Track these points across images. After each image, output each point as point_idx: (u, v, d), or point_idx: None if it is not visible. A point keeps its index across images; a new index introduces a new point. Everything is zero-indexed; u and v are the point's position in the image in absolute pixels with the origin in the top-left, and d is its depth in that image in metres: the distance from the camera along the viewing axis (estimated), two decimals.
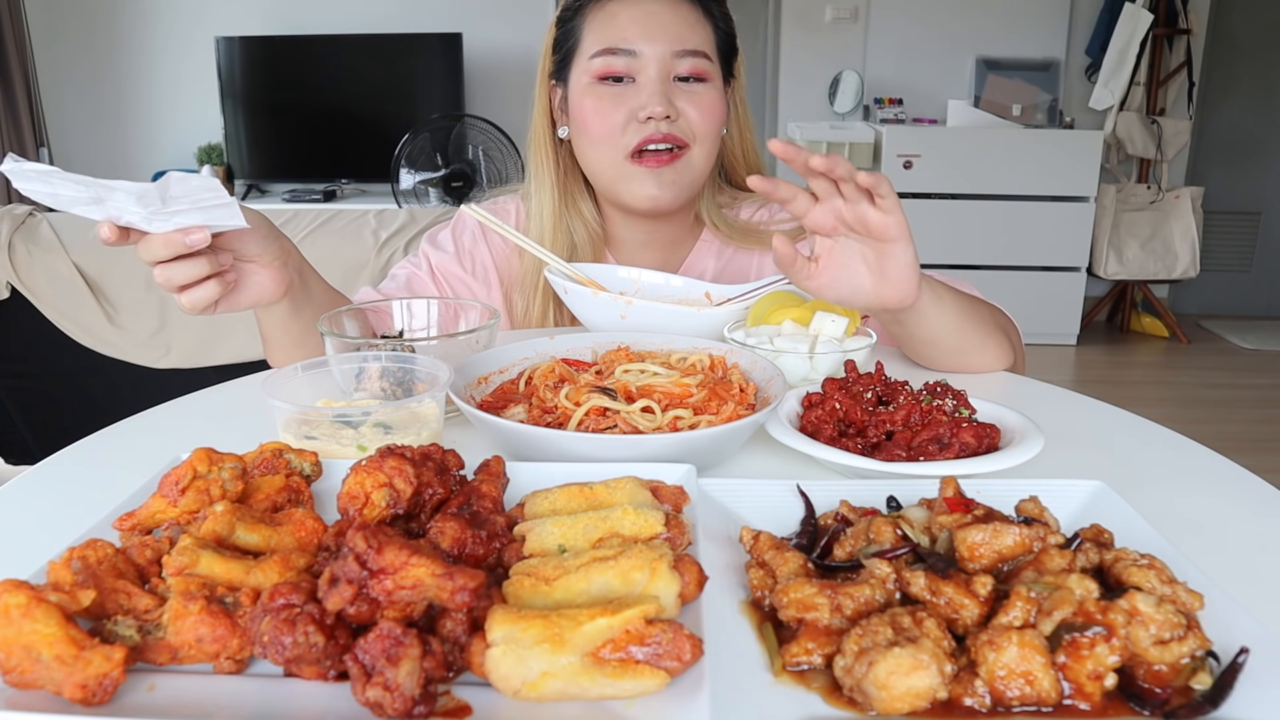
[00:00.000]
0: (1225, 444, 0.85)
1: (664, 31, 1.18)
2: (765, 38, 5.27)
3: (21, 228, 2.19)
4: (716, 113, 1.22)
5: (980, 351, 1.04)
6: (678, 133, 1.18)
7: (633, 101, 1.17)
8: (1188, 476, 0.79)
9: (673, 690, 0.44)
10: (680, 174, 1.21)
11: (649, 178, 1.19)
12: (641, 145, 1.18)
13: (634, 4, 1.19)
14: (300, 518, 0.56)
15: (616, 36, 1.18)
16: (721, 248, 1.32)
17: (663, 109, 1.16)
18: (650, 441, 0.71)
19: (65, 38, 4.83)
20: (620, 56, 1.18)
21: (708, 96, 1.20)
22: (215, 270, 0.89)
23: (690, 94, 1.19)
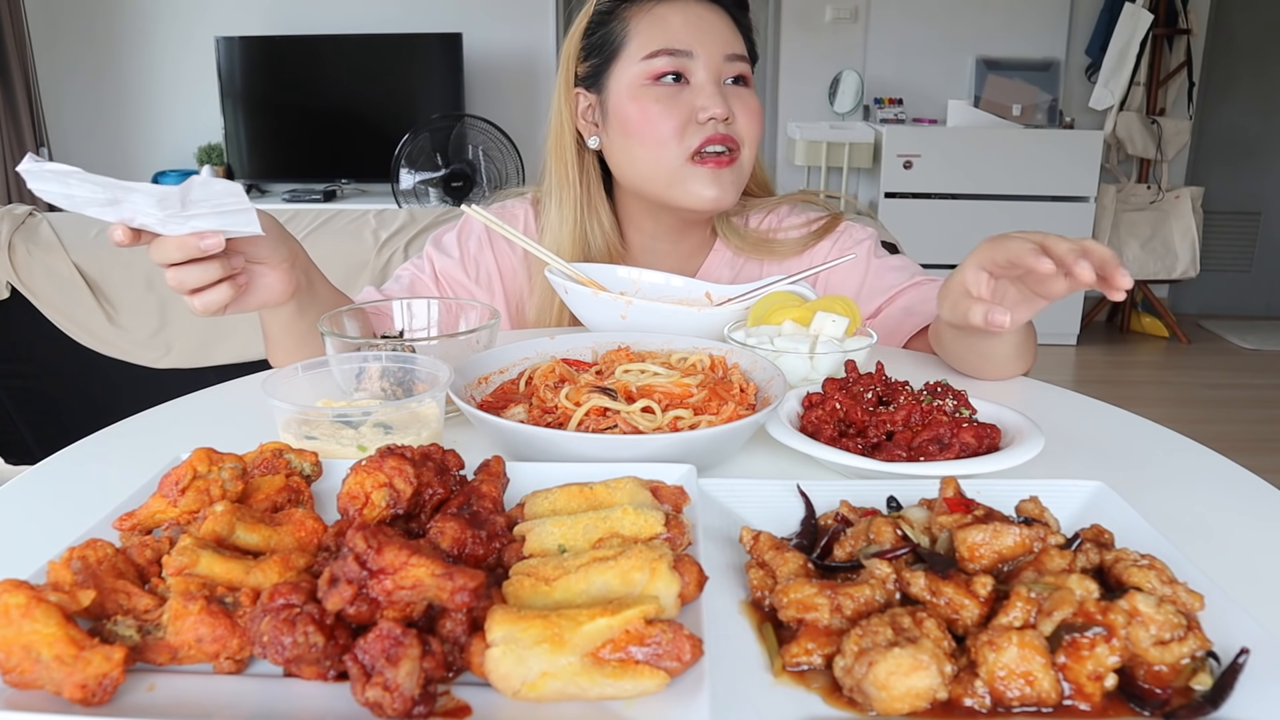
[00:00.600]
0: (1225, 444, 0.85)
1: (715, 35, 1.19)
2: (765, 38, 5.27)
3: (21, 228, 2.19)
4: (760, 117, 1.23)
5: (1021, 363, 1.04)
6: (733, 134, 1.19)
7: (692, 102, 1.17)
8: (1188, 476, 0.79)
9: (673, 690, 0.44)
10: (737, 175, 1.21)
11: (710, 179, 1.18)
12: (703, 146, 1.17)
13: (683, 8, 1.20)
14: (300, 518, 0.56)
15: (671, 38, 1.18)
16: (734, 257, 1.32)
17: (723, 110, 1.16)
18: (650, 441, 0.71)
19: (65, 38, 4.83)
20: (676, 58, 1.18)
21: (754, 101, 1.22)
22: (228, 274, 0.90)
23: (739, 97, 1.20)
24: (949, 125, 4.56)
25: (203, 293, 0.89)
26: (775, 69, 5.06)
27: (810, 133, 4.67)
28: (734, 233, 1.31)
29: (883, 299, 1.26)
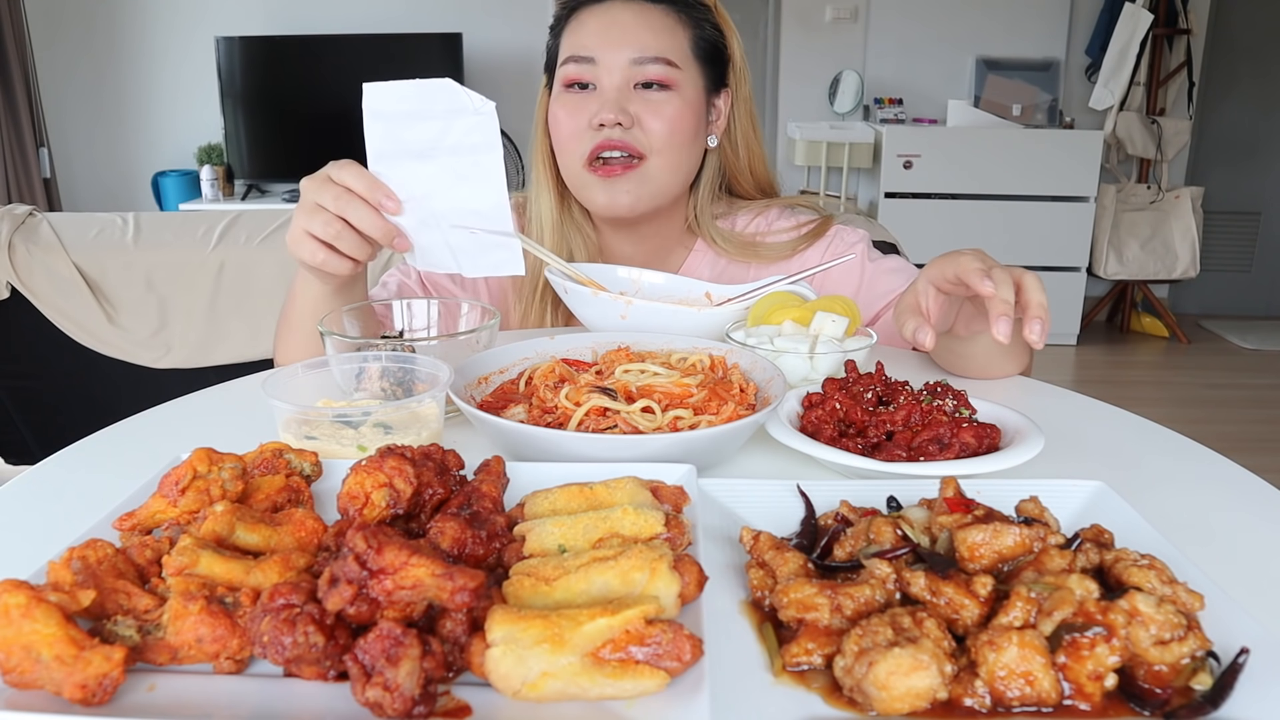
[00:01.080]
0: (1225, 444, 0.85)
1: (625, 38, 1.17)
2: (765, 38, 5.27)
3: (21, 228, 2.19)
4: (678, 123, 1.19)
5: (1013, 362, 1.05)
6: (632, 141, 1.17)
7: (590, 108, 1.17)
8: (1188, 476, 0.79)
9: (673, 690, 0.44)
10: (637, 184, 1.19)
11: (599, 185, 1.19)
12: (594, 153, 1.17)
13: (600, 11, 1.20)
14: (300, 518, 0.56)
15: (579, 44, 1.19)
16: (715, 259, 1.32)
17: (613, 116, 1.15)
18: (650, 441, 0.71)
19: (65, 38, 4.83)
20: (581, 64, 1.18)
21: (669, 106, 1.18)
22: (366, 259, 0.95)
23: (649, 102, 1.18)
24: (949, 125, 4.56)
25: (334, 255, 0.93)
26: (775, 69, 5.06)
27: (810, 133, 4.67)
28: (717, 234, 1.30)
29: (881, 304, 1.25)
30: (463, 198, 0.90)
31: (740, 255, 1.30)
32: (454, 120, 0.85)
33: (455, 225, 0.91)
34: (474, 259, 0.95)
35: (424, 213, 0.91)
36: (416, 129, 0.86)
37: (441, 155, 0.87)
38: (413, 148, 0.87)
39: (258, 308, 2.22)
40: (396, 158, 0.89)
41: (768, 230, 1.32)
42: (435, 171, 0.88)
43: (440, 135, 0.86)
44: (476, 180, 0.88)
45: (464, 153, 0.87)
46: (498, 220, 0.90)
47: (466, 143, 0.86)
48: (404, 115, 0.86)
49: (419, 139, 0.87)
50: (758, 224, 1.33)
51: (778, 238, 1.30)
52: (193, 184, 4.87)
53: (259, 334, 2.24)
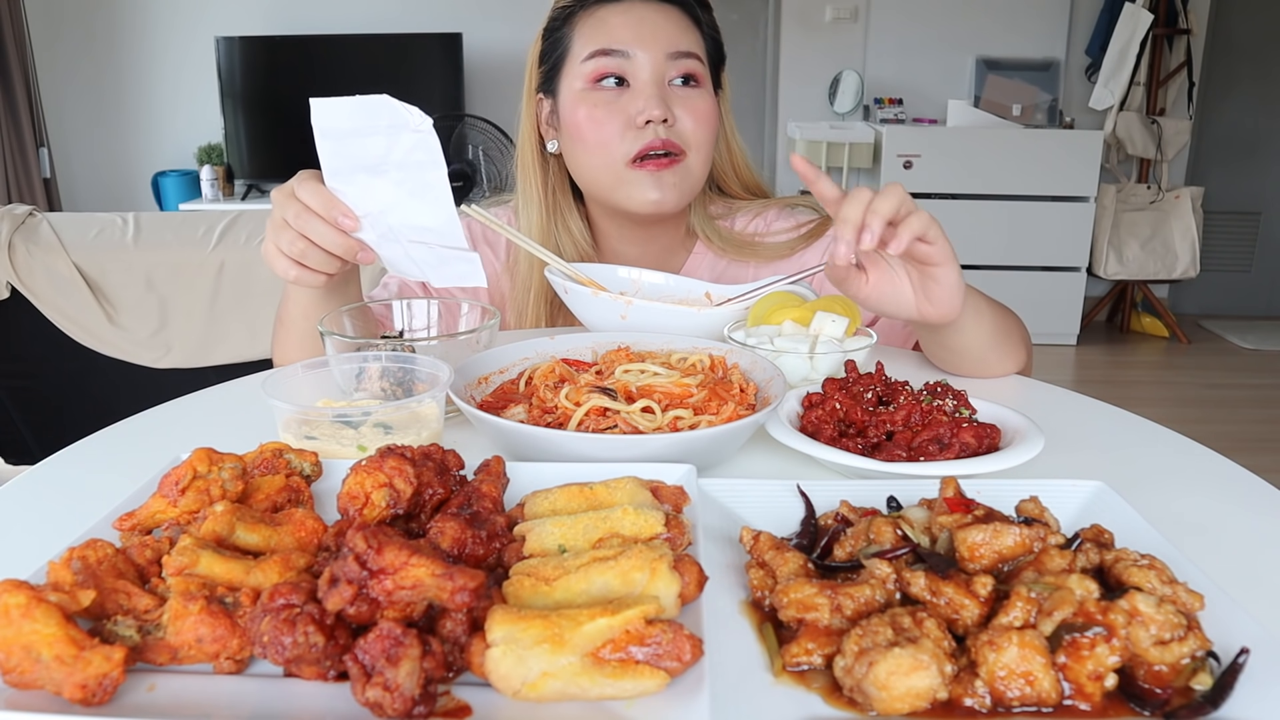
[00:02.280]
0: (1225, 444, 0.85)
1: (656, 34, 1.17)
2: (765, 38, 5.27)
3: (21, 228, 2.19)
4: (711, 119, 1.21)
5: (1004, 358, 1.04)
6: (675, 139, 1.18)
7: (630, 106, 1.17)
8: (1188, 476, 0.79)
9: (673, 690, 0.44)
10: (680, 178, 1.20)
11: (650, 181, 1.18)
12: (642, 153, 1.17)
13: (625, 9, 1.19)
14: (300, 518, 0.56)
15: (609, 38, 1.17)
16: (715, 260, 1.32)
17: (660, 112, 1.15)
18: (650, 441, 0.71)
19: (65, 38, 4.83)
20: (614, 58, 1.17)
21: (702, 102, 1.20)
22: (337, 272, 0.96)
23: (685, 99, 1.19)
24: (949, 125, 4.56)
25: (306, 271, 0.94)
26: (775, 69, 5.06)
27: (810, 133, 4.67)
28: (716, 234, 1.30)
29: None
30: (415, 213, 0.90)
31: (739, 255, 1.30)
32: (398, 136, 0.85)
33: (413, 241, 0.92)
34: (437, 270, 0.95)
35: (383, 227, 0.92)
36: (364, 145, 0.86)
37: (391, 171, 0.87)
38: (364, 163, 0.87)
39: (258, 308, 2.22)
40: (350, 173, 0.89)
41: (766, 231, 1.32)
42: (387, 187, 0.88)
43: (387, 151, 0.86)
44: (426, 197, 0.88)
45: (411, 169, 0.87)
46: (450, 236, 0.91)
47: (412, 160, 0.86)
48: (350, 132, 0.86)
49: (368, 154, 0.87)
50: (756, 224, 1.33)
51: (777, 238, 1.30)
52: (193, 184, 4.87)
53: (259, 334, 2.24)
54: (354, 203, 0.91)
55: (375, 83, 4.61)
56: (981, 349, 1.01)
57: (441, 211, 0.88)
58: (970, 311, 0.96)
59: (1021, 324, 1.12)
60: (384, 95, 0.83)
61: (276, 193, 0.94)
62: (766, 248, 1.29)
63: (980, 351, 1.02)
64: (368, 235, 0.93)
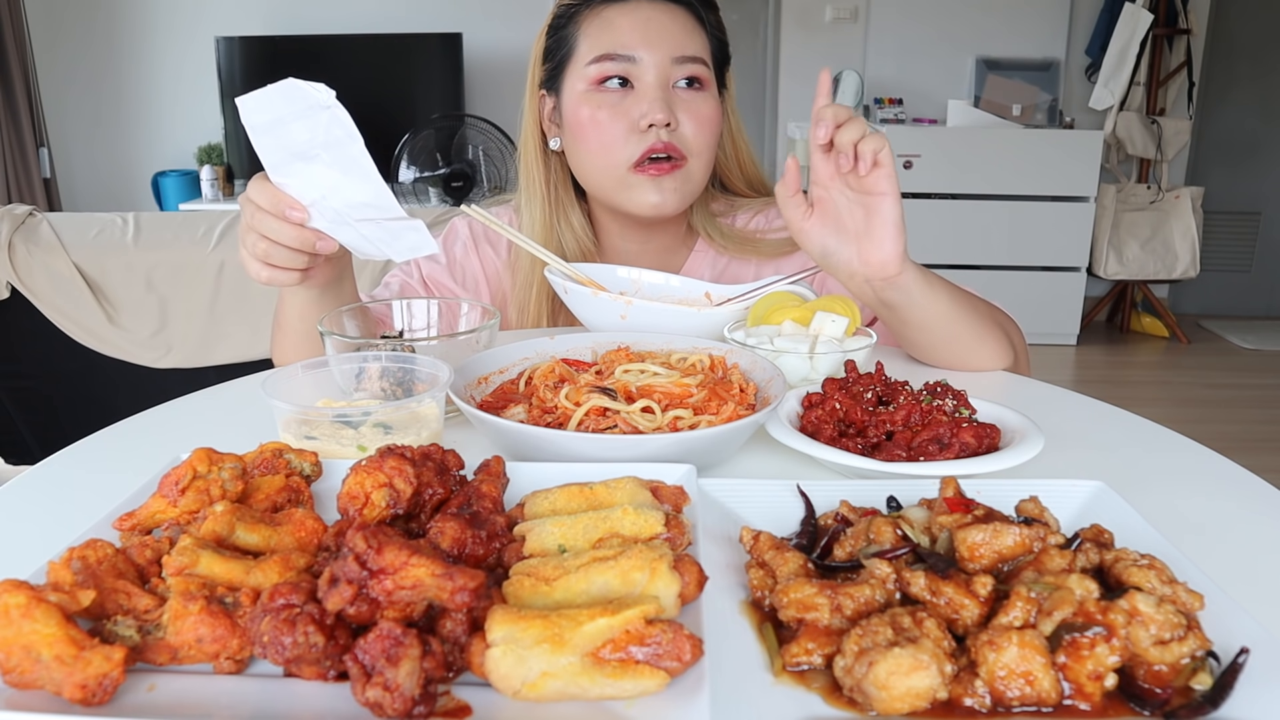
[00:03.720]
0: (1225, 444, 0.85)
1: (663, 37, 1.17)
2: (765, 38, 5.27)
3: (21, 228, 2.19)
4: (714, 123, 1.21)
5: (977, 346, 1.04)
6: (677, 143, 1.18)
7: (633, 110, 1.17)
8: (1188, 476, 0.79)
9: (673, 690, 0.44)
10: (681, 182, 1.20)
11: (651, 185, 1.19)
12: (644, 156, 1.17)
13: (631, 10, 1.18)
14: (300, 518, 0.56)
15: (615, 42, 1.17)
16: (716, 257, 1.32)
17: (664, 116, 1.15)
18: (650, 441, 0.71)
19: (65, 38, 4.83)
20: (619, 62, 1.17)
21: (705, 106, 1.20)
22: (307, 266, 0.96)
23: (688, 103, 1.19)
24: (949, 125, 4.56)
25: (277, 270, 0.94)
26: (775, 69, 5.06)
27: None
28: (717, 232, 1.30)
29: None
30: (351, 192, 0.89)
31: (739, 252, 1.30)
32: (316, 117, 0.84)
33: (360, 219, 0.91)
34: (392, 246, 0.94)
35: (330, 212, 0.91)
36: (290, 133, 0.85)
37: (320, 153, 0.86)
38: (295, 151, 0.87)
39: (258, 308, 2.22)
40: (288, 164, 0.88)
41: (768, 227, 1.33)
42: (322, 170, 0.88)
43: (311, 134, 0.86)
44: (354, 174, 0.87)
45: (334, 147, 0.86)
46: (387, 207, 0.89)
47: (331, 138, 0.85)
48: (275, 122, 0.85)
49: (297, 142, 0.86)
50: (758, 221, 1.34)
51: (778, 234, 1.31)
52: (193, 184, 4.87)
53: (259, 334, 2.24)
54: (299, 193, 0.90)
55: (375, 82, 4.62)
56: (945, 326, 1.01)
57: (371, 183, 0.87)
58: (916, 276, 0.97)
59: (1000, 313, 1.12)
60: (290, 78, 0.82)
61: (240, 199, 0.94)
62: (767, 244, 1.29)
63: (944, 330, 1.01)
64: (320, 223, 0.92)
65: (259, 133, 0.86)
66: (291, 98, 0.83)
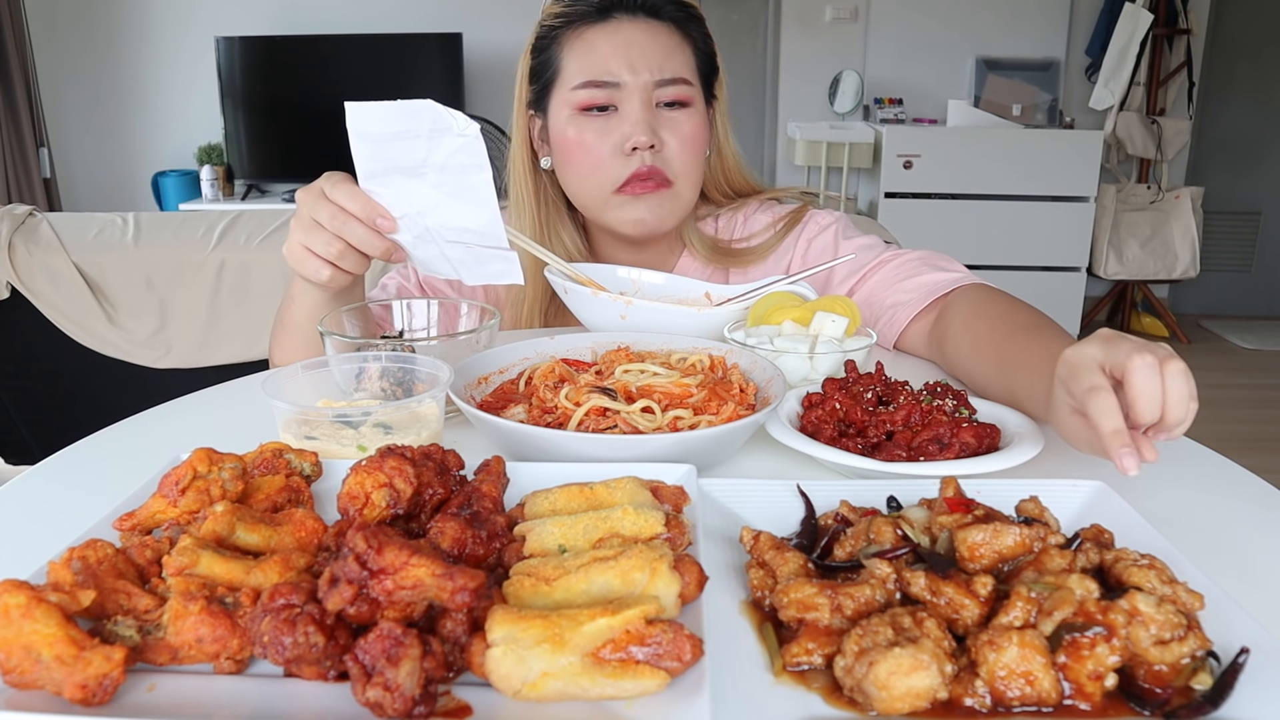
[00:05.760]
0: (1225, 444, 0.85)
1: (645, 60, 1.16)
2: (765, 38, 5.27)
3: (21, 228, 2.18)
4: (698, 142, 1.21)
5: None
6: (661, 166, 1.18)
7: (616, 133, 1.17)
8: (1188, 476, 0.79)
9: (673, 690, 0.44)
10: (667, 201, 1.21)
11: (636, 205, 1.19)
12: (630, 179, 1.17)
13: (613, 31, 1.18)
14: (300, 518, 0.56)
15: (599, 68, 1.17)
16: (702, 267, 1.32)
17: (648, 139, 1.15)
18: (650, 441, 0.71)
19: (65, 37, 4.83)
20: (604, 88, 1.17)
21: (689, 125, 1.19)
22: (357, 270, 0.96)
23: (673, 123, 1.18)
24: (949, 125, 4.55)
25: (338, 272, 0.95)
26: (775, 69, 5.06)
27: (810, 133, 4.67)
28: (701, 242, 1.30)
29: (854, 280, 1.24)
30: (455, 215, 0.91)
31: (722, 262, 1.30)
32: (439, 140, 0.86)
33: (451, 241, 0.93)
34: (472, 269, 0.96)
35: (419, 229, 0.93)
36: (402, 148, 0.87)
37: (430, 173, 0.88)
38: (401, 166, 0.89)
39: (257, 308, 2.22)
40: (386, 175, 0.90)
41: (744, 229, 1.32)
42: (426, 189, 0.90)
43: (427, 154, 0.87)
44: (468, 199, 0.89)
45: (453, 172, 0.88)
46: (492, 235, 0.92)
47: (454, 163, 0.87)
48: (389, 135, 0.87)
49: (406, 158, 0.88)
50: (736, 221, 1.33)
51: (760, 237, 1.30)
52: (193, 184, 4.87)
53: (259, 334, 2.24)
54: (389, 204, 0.92)
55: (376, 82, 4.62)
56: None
57: (484, 212, 0.90)
58: None
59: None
60: (428, 100, 0.85)
61: (304, 193, 0.94)
62: (745, 254, 1.29)
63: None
64: (403, 236, 0.94)
65: (364, 141, 0.88)
66: (418, 117, 0.86)
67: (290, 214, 2.32)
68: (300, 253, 0.95)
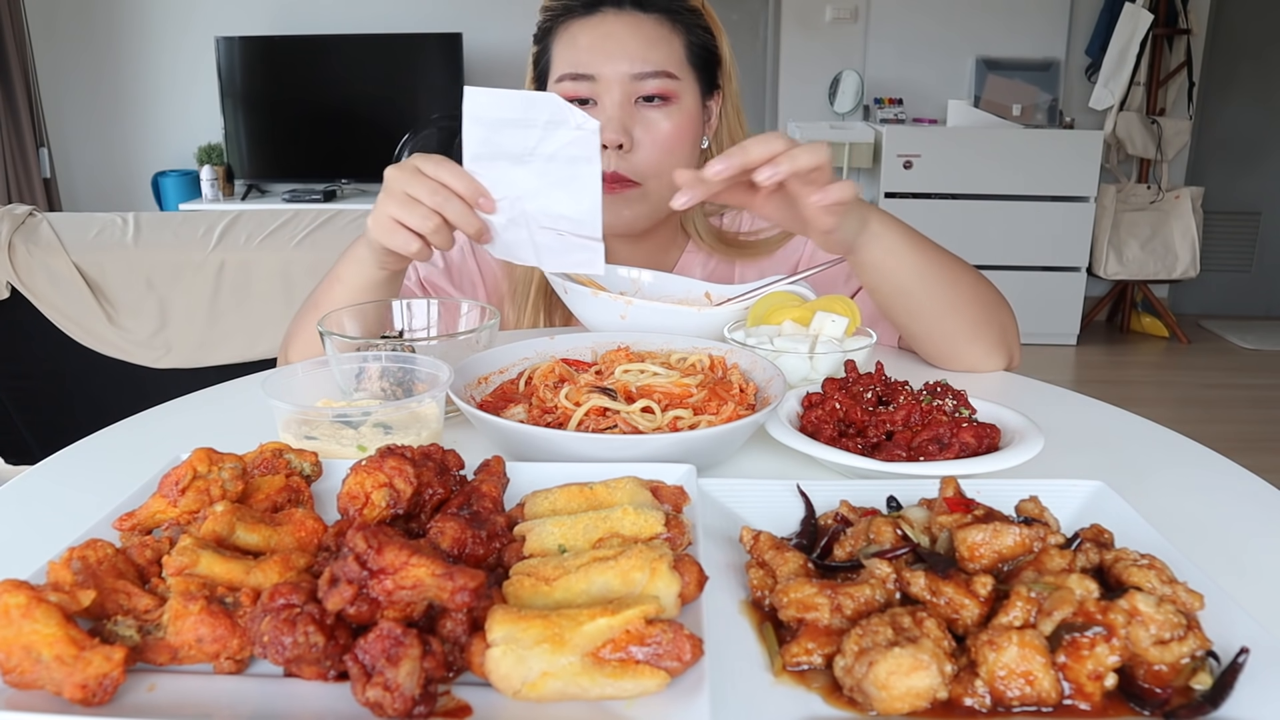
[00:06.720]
0: (1225, 444, 0.85)
1: (623, 53, 1.15)
2: (765, 38, 5.27)
3: (21, 228, 2.19)
4: (675, 139, 1.18)
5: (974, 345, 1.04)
6: (627, 171, 1.17)
7: None
8: (1188, 476, 0.79)
9: (673, 690, 0.44)
10: (634, 201, 1.19)
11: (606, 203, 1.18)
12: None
13: (594, 25, 1.17)
14: (300, 518, 0.56)
15: (576, 60, 1.16)
16: (707, 259, 1.32)
17: (615, 136, 1.14)
18: (650, 441, 0.71)
19: (65, 37, 4.83)
20: (581, 81, 1.16)
21: (667, 123, 1.17)
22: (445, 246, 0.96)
23: (650, 122, 1.17)
24: (949, 125, 4.56)
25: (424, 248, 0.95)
26: (775, 69, 5.06)
27: (810, 133, 4.67)
28: (708, 233, 1.29)
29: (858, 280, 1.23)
30: (555, 202, 0.96)
31: (728, 253, 1.30)
32: (553, 131, 0.92)
33: (544, 227, 0.98)
34: (557, 257, 1.00)
35: (514, 212, 0.98)
36: (514, 135, 0.93)
37: (537, 161, 0.93)
38: (509, 151, 0.94)
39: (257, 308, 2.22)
40: (492, 159, 0.95)
41: (751, 220, 1.32)
42: (529, 176, 0.94)
43: (538, 143, 0.93)
44: (572, 189, 0.94)
45: (562, 162, 0.93)
46: (589, 226, 0.96)
47: (565, 154, 0.92)
48: (504, 122, 0.93)
49: (515, 144, 0.93)
50: (744, 218, 1.33)
51: (766, 234, 1.30)
52: (193, 184, 4.87)
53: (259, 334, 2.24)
54: (489, 186, 0.96)
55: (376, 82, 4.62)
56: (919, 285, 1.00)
57: (585, 202, 0.94)
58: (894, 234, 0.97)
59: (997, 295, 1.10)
60: (552, 94, 0.91)
61: (397, 171, 0.95)
62: (752, 246, 1.29)
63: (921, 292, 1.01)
64: (496, 218, 0.98)
65: (478, 124, 0.94)
66: (536, 108, 0.91)
67: (290, 215, 2.33)
68: (389, 224, 0.95)
